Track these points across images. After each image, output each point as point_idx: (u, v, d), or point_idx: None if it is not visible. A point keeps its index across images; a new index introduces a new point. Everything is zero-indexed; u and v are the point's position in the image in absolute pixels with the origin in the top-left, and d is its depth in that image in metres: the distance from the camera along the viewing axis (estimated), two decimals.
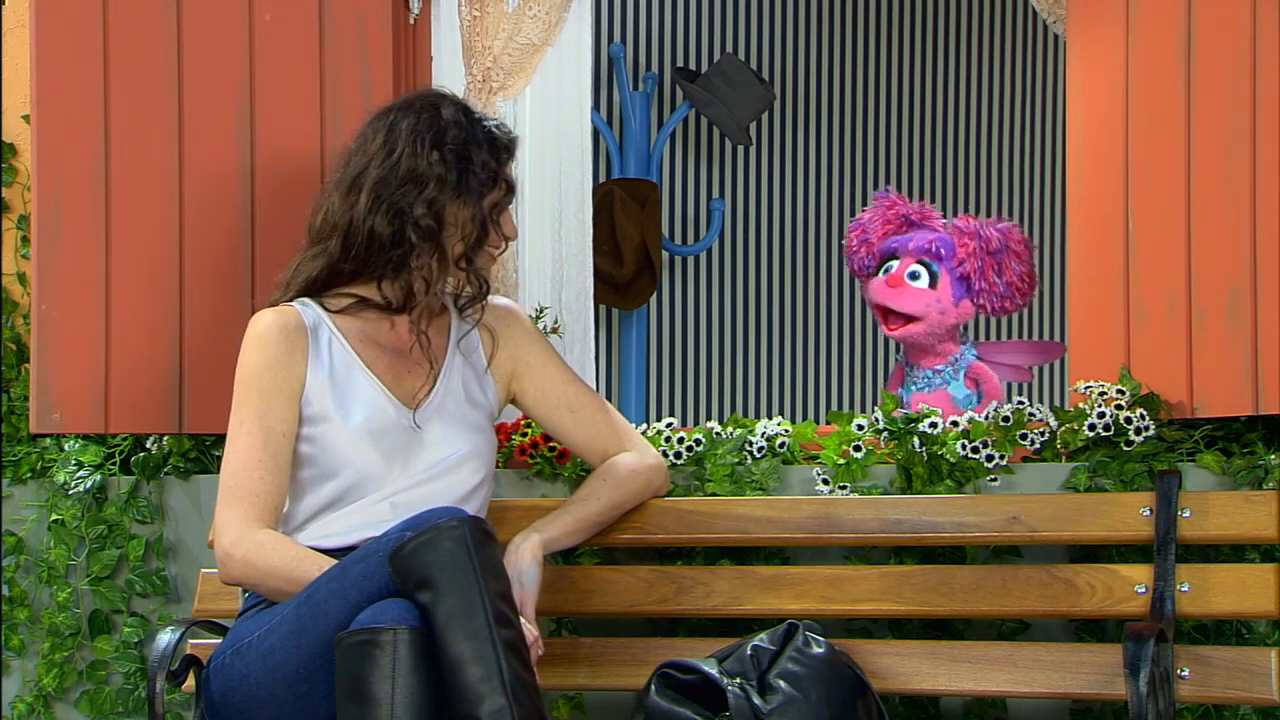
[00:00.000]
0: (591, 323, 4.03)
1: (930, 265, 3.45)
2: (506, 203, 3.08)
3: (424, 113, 3.05)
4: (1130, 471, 3.11)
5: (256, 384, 3.00)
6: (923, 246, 3.46)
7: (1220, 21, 3.10)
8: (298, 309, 3.06)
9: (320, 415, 3.01)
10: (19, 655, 3.77)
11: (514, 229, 3.14)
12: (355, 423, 3.00)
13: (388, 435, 3.01)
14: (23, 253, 3.99)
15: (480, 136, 3.05)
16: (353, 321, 3.07)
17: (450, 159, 3.02)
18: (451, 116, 3.05)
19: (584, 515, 3.12)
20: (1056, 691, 2.98)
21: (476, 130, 3.05)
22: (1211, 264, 3.09)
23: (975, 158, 6.79)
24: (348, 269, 3.06)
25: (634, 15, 6.09)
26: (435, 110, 3.06)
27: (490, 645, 2.64)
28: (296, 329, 3.03)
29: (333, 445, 3.00)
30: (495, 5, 3.75)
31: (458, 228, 3.02)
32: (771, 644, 2.93)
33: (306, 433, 3.01)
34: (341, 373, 3.03)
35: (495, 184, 3.05)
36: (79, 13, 3.56)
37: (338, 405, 3.01)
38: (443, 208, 3.01)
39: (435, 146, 3.02)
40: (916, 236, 3.48)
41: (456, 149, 3.02)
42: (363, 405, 3.02)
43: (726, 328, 6.31)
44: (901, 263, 3.47)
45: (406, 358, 3.08)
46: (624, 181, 5.75)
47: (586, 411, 3.17)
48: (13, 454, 3.81)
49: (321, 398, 3.01)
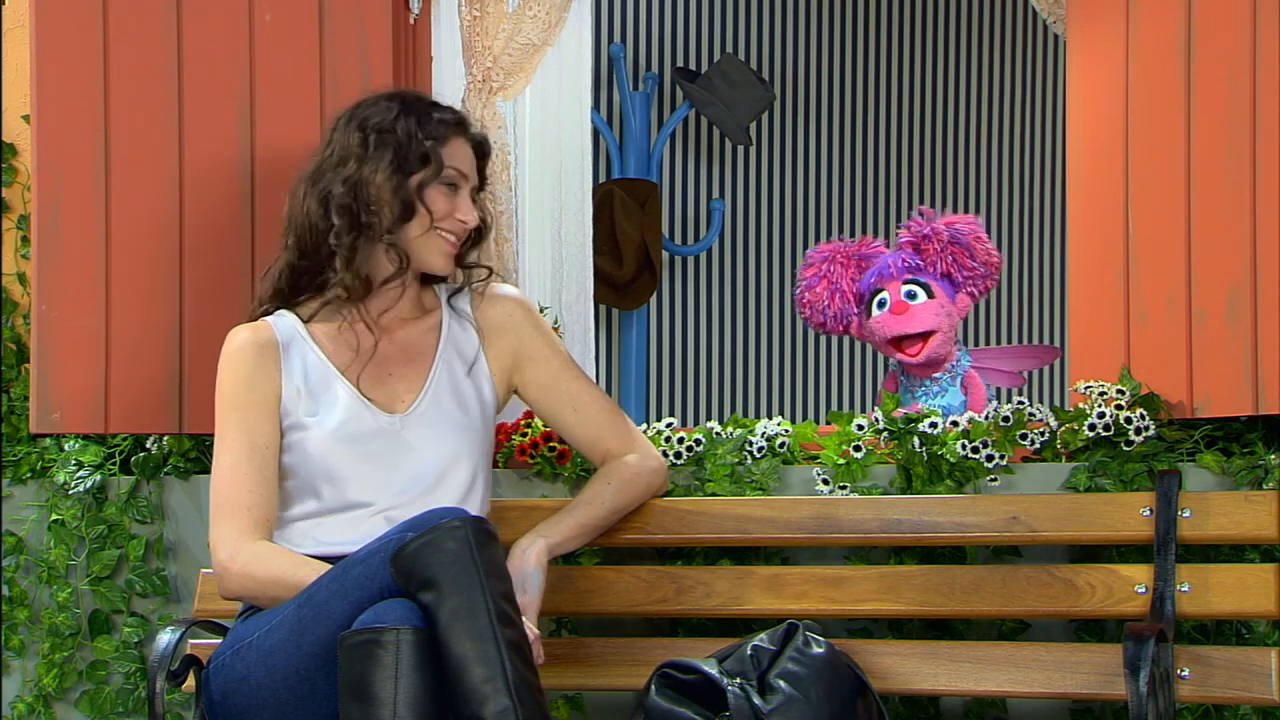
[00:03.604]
0: (591, 323, 4.03)
1: (917, 280, 3.44)
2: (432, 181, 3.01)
3: (360, 104, 3.07)
4: (1130, 471, 3.11)
5: (234, 400, 3.02)
6: (903, 266, 3.46)
7: (1220, 21, 3.10)
8: (270, 322, 3.07)
9: (297, 424, 3.01)
10: (19, 655, 3.77)
11: (469, 213, 3.06)
12: (329, 429, 3.00)
13: (367, 441, 3.00)
14: (23, 253, 3.99)
15: (412, 117, 3.03)
16: (329, 328, 3.07)
17: (371, 137, 3.02)
18: (384, 103, 3.05)
19: (587, 520, 3.11)
20: (1056, 691, 2.98)
21: (409, 111, 3.03)
22: (1211, 264, 3.10)
23: (975, 158, 6.79)
24: (306, 265, 3.06)
25: (634, 15, 6.09)
26: (374, 100, 3.07)
27: (494, 645, 2.64)
28: (267, 343, 3.04)
29: (311, 453, 3.00)
30: (495, 5, 3.75)
31: (381, 205, 3.01)
32: (771, 644, 2.93)
33: (286, 442, 3.02)
34: (316, 381, 3.03)
35: (424, 162, 3.01)
36: (79, 13, 3.56)
37: (312, 413, 3.01)
38: (358, 183, 3.00)
39: (359, 128, 3.03)
40: (888, 263, 3.48)
41: (378, 126, 3.02)
42: (338, 412, 3.01)
43: (726, 328, 6.31)
44: (892, 290, 3.46)
45: (390, 362, 3.07)
46: (624, 181, 5.75)
47: (590, 410, 3.16)
48: (13, 454, 3.81)
49: (296, 407, 3.01)
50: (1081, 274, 3.33)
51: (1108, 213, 3.26)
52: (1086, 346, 3.31)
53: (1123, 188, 3.24)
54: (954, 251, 3.45)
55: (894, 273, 3.46)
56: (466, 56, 3.77)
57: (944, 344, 3.45)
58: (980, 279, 3.47)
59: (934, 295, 3.44)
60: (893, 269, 3.46)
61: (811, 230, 6.47)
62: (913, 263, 3.46)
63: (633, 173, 5.81)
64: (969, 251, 3.45)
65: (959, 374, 3.47)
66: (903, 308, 3.44)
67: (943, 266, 3.45)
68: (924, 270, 3.46)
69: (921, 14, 6.64)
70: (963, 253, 3.45)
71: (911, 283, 3.45)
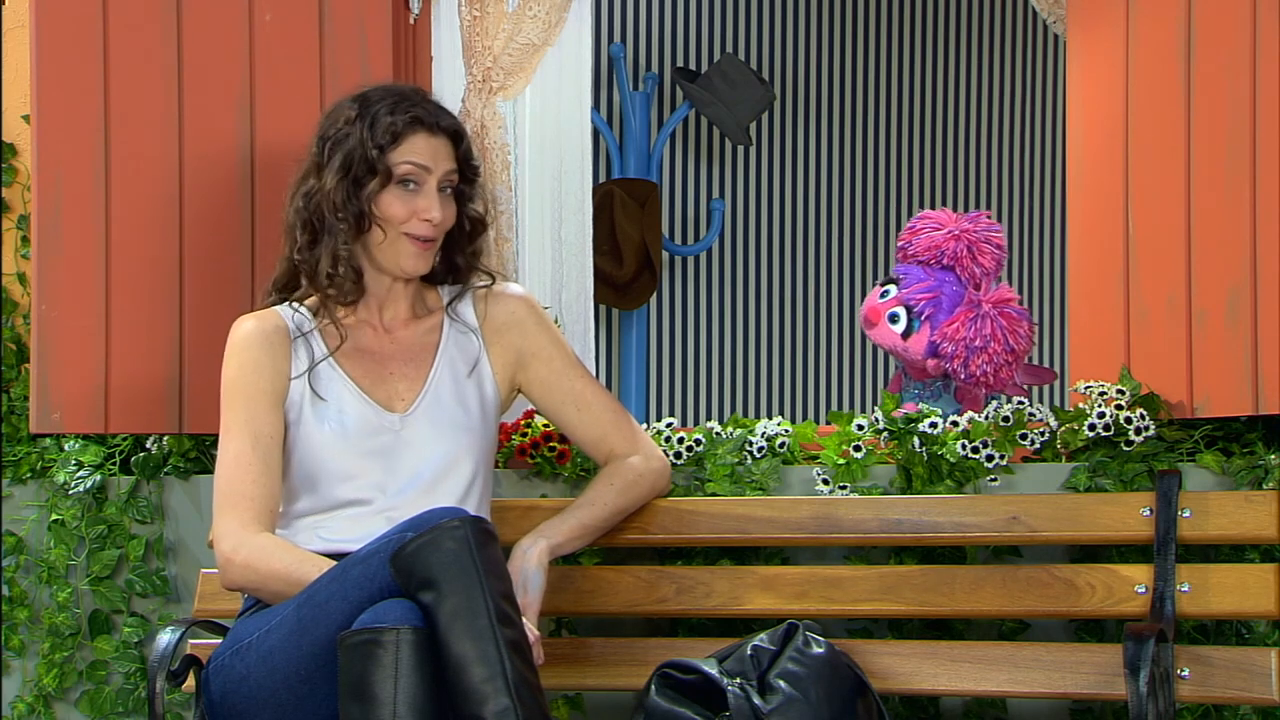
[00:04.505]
0: (591, 323, 4.03)
1: (911, 309, 3.41)
2: (383, 189, 2.98)
3: (332, 109, 3.06)
4: (1130, 471, 3.11)
5: (240, 390, 3.01)
6: (907, 297, 3.42)
7: (1220, 21, 3.10)
8: (279, 312, 3.07)
9: (297, 419, 3.01)
10: (19, 655, 3.77)
11: (434, 210, 2.99)
12: (329, 426, 3.00)
13: (366, 439, 3.00)
14: (23, 253, 3.99)
15: (365, 121, 2.99)
16: (332, 325, 3.07)
17: (326, 146, 3.02)
18: (346, 107, 3.03)
19: (589, 520, 3.10)
20: (1056, 691, 2.98)
21: (364, 116, 3.00)
22: (1211, 264, 3.09)
23: (975, 158, 6.79)
24: (299, 263, 3.07)
25: (634, 15, 6.09)
26: (338, 105, 3.05)
27: (494, 645, 2.64)
28: (276, 331, 3.03)
29: (309, 449, 3.00)
30: (495, 5, 3.75)
31: (337, 217, 3.00)
32: (771, 644, 2.93)
33: (288, 437, 3.01)
34: (319, 376, 3.03)
35: (372, 173, 2.98)
36: (79, 13, 3.56)
37: (312, 407, 3.01)
38: (314, 195, 3.01)
39: (320, 137, 3.04)
40: (911, 281, 3.44)
41: (334, 135, 3.01)
42: (337, 408, 3.01)
43: (726, 328, 6.31)
44: (888, 301, 3.43)
45: (392, 361, 3.07)
46: (624, 181, 5.75)
47: (594, 409, 3.16)
48: (13, 454, 3.81)
49: (300, 401, 3.01)
50: (1081, 274, 3.33)
51: (1108, 213, 3.26)
52: (1086, 346, 3.30)
53: (1123, 188, 3.24)
54: (974, 246, 3.41)
55: (902, 292, 3.43)
56: (466, 56, 3.77)
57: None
58: (988, 273, 3.43)
59: (909, 337, 3.40)
60: (904, 288, 3.43)
61: (811, 230, 6.47)
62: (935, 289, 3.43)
63: (633, 173, 5.81)
64: (977, 251, 3.43)
65: (952, 383, 3.44)
66: (877, 317, 3.42)
67: (984, 266, 3.41)
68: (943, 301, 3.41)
69: (921, 14, 6.64)
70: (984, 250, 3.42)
71: (906, 309, 3.42)
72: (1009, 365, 3.35)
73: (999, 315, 3.34)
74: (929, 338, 3.37)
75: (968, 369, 3.34)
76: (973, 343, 3.33)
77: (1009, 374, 3.36)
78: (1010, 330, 3.34)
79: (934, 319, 3.37)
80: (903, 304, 3.40)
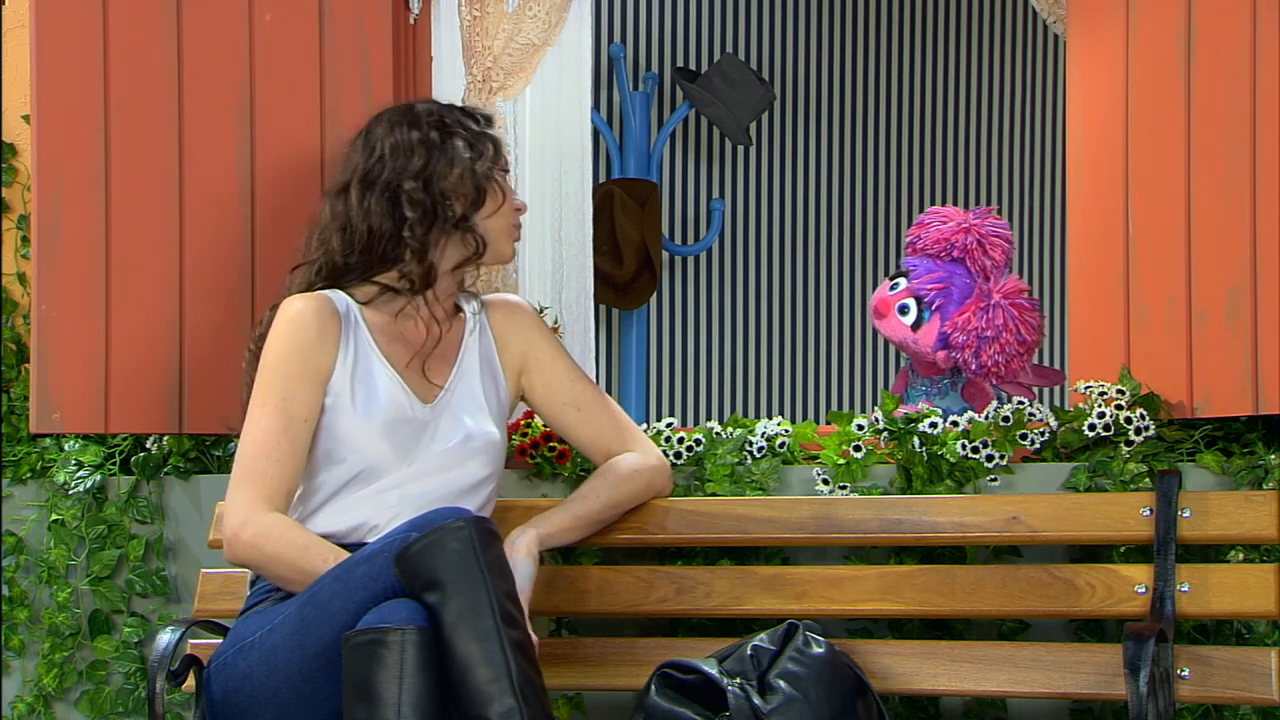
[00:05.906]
0: (591, 323, 4.04)
1: (922, 300, 3.41)
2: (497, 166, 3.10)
3: (395, 112, 3.13)
4: (1130, 471, 3.11)
5: (283, 368, 3.00)
6: (918, 288, 3.43)
7: (1220, 21, 3.10)
8: (329, 295, 3.07)
9: (337, 404, 3.01)
10: (19, 655, 3.77)
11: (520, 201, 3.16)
12: (370, 414, 3.01)
13: (401, 427, 3.02)
14: (23, 253, 3.99)
15: (456, 111, 3.11)
16: (378, 314, 3.08)
17: (432, 133, 3.07)
18: (423, 105, 3.13)
19: (582, 513, 3.12)
20: (1056, 691, 2.98)
21: (452, 108, 3.12)
22: (1211, 264, 3.10)
23: (975, 158, 6.79)
24: (353, 263, 3.07)
25: (634, 15, 6.09)
26: (408, 107, 3.13)
27: (499, 646, 2.65)
28: (329, 314, 3.04)
29: (345, 434, 3.00)
30: (495, 5, 3.75)
31: (452, 193, 3.05)
32: (771, 644, 2.93)
33: (322, 420, 3.01)
34: (363, 363, 3.04)
35: (483, 147, 3.08)
36: (79, 13, 3.56)
37: (354, 395, 3.02)
38: (431, 175, 3.05)
39: (413, 126, 3.08)
40: (921, 273, 3.44)
41: (434, 122, 3.08)
42: (379, 397, 3.02)
43: (726, 328, 6.31)
44: (899, 293, 3.44)
45: (428, 353, 3.09)
46: (624, 181, 5.75)
47: (592, 410, 3.18)
48: (13, 454, 3.81)
49: (342, 386, 3.02)
50: (1081, 274, 3.33)
51: (1108, 213, 3.26)
52: (1086, 346, 3.31)
53: (1123, 188, 3.24)
54: (979, 240, 3.42)
55: (913, 282, 3.43)
56: (466, 56, 3.77)
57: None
58: (996, 265, 3.43)
59: (919, 329, 3.41)
60: (915, 278, 3.43)
61: (812, 230, 6.47)
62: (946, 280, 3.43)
63: (633, 173, 5.81)
64: (986, 245, 3.43)
65: (960, 381, 3.45)
66: (886, 309, 3.43)
67: (992, 257, 3.41)
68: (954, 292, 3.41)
69: (921, 14, 6.64)
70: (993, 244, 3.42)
71: (917, 300, 3.42)
72: (1020, 356, 3.35)
73: (1010, 306, 3.35)
74: (939, 329, 3.37)
75: (979, 359, 3.34)
76: (984, 333, 3.34)
77: (1020, 364, 3.36)
78: (1022, 321, 3.34)
79: (944, 310, 3.37)
80: (913, 295, 3.41)
